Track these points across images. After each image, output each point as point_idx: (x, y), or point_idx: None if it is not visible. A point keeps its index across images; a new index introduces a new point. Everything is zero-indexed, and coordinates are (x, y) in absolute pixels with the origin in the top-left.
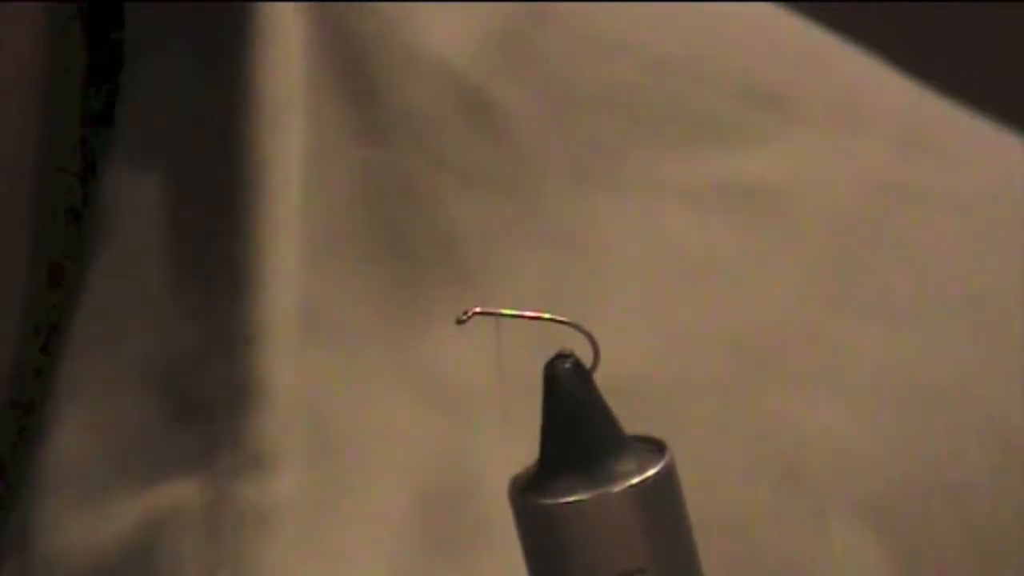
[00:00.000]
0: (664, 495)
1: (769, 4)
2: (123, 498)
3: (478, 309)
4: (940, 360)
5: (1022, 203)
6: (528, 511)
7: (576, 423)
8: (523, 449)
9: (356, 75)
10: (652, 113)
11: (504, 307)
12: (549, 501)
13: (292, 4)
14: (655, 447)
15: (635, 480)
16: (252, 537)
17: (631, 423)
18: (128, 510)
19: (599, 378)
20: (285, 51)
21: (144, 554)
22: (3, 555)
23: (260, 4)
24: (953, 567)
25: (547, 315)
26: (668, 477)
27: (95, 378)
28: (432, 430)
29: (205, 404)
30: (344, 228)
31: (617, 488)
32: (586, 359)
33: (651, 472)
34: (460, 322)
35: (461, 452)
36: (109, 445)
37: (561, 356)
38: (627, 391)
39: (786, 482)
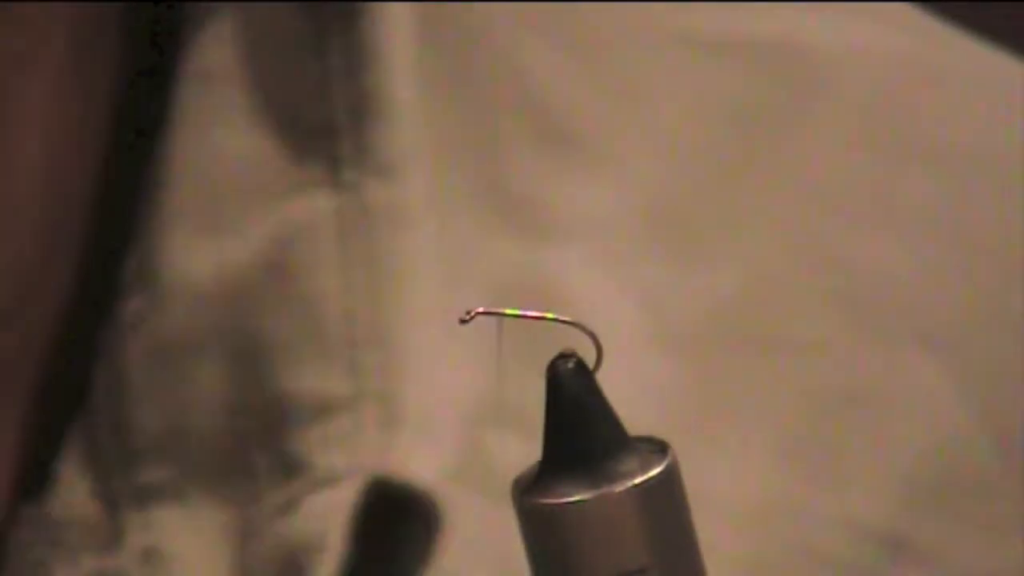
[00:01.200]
0: (667, 495)
1: None
2: (252, 219)
3: (481, 309)
4: (984, 206)
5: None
6: (530, 511)
7: (578, 423)
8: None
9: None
10: None
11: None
12: (551, 501)
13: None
14: (657, 447)
15: (638, 480)
16: (386, 236)
17: (682, 255)
18: (258, 229)
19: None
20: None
21: (277, 269)
22: (129, 288)
23: None
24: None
25: (550, 315)
26: (671, 477)
27: (211, 107)
28: (511, 255)
29: (328, 125)
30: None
31: (619, 488)
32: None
33: (654, 472)
34: (463, 322)
35: (538, 271)
36: (232, 172)
37: (563, 356)
38: (674, 227)
39: (851, 314)
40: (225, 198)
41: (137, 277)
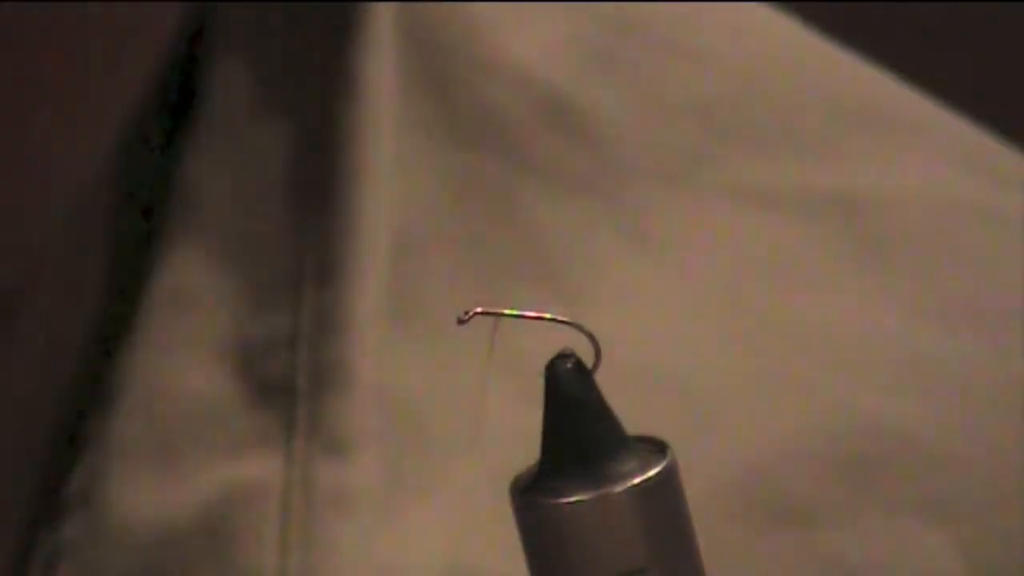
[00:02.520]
0: (666, 495)
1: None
2: (199, 470)
3: (479, 309)
4: (1011, 368)
5: None
6: (529, 511)
7: (577, 423)
8: None
9: (440, 78)
10: (735, 120)
11: (587, 303)
12: (550, 501)
13: (384, 4)
14: (657, 447)
15: (637, 480)
16: (328, 519)
17: (698, 418)
18: (204, 484)
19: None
20: (379, 51)
21: (216, 535)
22: (67, 510)
23: (358, 4)
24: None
25: (548, 315)
26: (670, 477)
27: (172, 352)
28: (516, 417)
29: (288, 385)
30: (430, 226)
31: (619, 488)
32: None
33: (653, 472)
34: (461, 322)
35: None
36: (188, 411)
37: (562, 356)
38: (694, 388)
39: (855, 474)
40: (177, 438)
41: (79, 500)
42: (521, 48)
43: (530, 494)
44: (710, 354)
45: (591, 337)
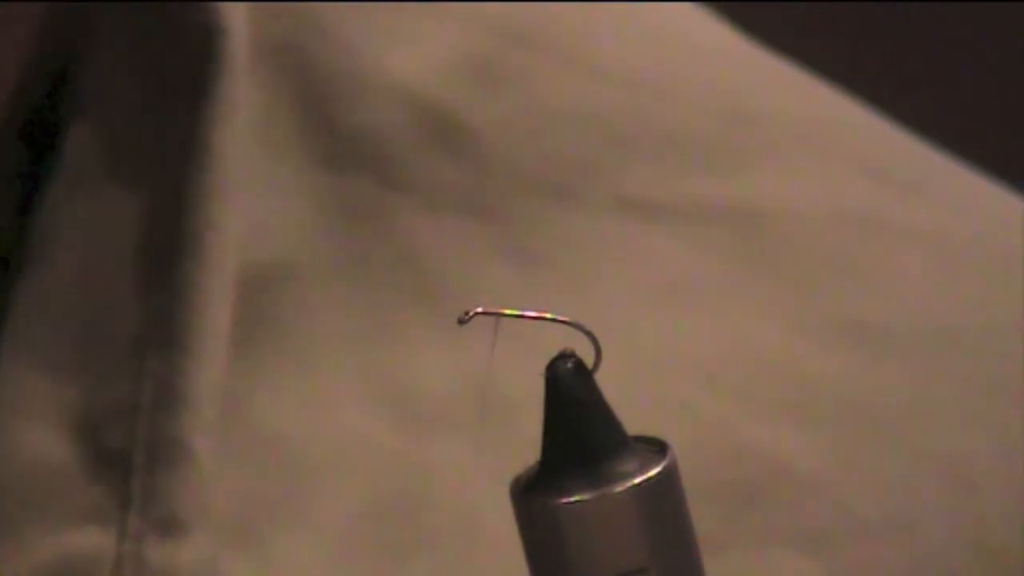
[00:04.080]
0: (666, 495)
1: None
2: (34, 539)
3: (480, 309)
4: (901, 393)
5: (992, 245)
6: (529, 511)
7: (578, 423)
8: (491, 461)
9: (315, 101)
10: (627, 132)
11: (468, 324)
12: (550, 501)
13: (247, 32)
14: (657, 447)
15: (637, 480)
16: None
17: None
18: (37, 551)
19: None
20: (236, 94)
21: None
22: None
23: (213, 28)
24: None
25: (549, 315)
26: (670, 477)
27: (15, 417)
28: (391, 443)
29: (125, 458)
30: (306, 251)
31: (619, 488)
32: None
33: (653, 472)
34: (461, 322)
35: (418, 465)
36: (26, 474)
37: (563, 356)
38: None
39: (729, 502)
40: (14, 507)
41: None
42: (401, 65)
43: (530, 494)
44: (601, 378)
45: (592, 337)
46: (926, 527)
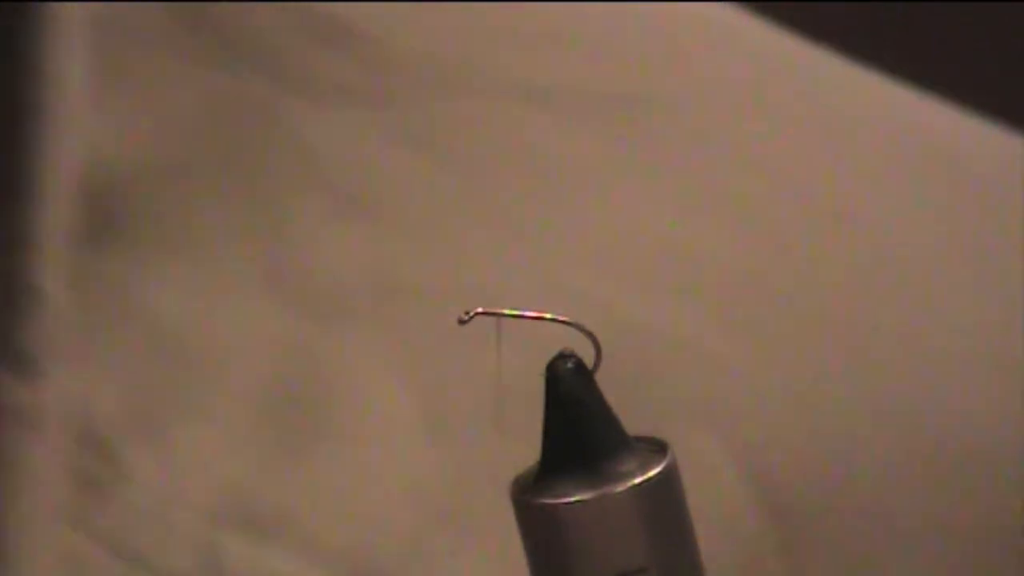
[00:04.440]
0: (666, 495)
1: None
2: None
3: (480, 309)
4: (794, 267)
5: (883, 127)
6: (530, 511)
7: (578, 423)
8: (387, 348)
9: (204, 5)
10: (513, 24)
11: (361, 208)
12: (551, 501)
13: None
14: (657, 447)
15: (637, 480)
16: (13, 436)
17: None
18: None
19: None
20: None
21: None
22: None
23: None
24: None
25: (548, 315)
26: (670, 477)
27: None
28: (288, 332)
29: None
30: (194, 150)
31: (619, 488)
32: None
33: (653, 472)
34: (462, 322)
35: (315, 353)
36: None
37: (563, 356)
38: (482, 302)
39: (622, 379)
40: None
41: None
42: None
43: (531, 494)
44: (484, 256)
45: (592, 337)
46: (824, 396)
